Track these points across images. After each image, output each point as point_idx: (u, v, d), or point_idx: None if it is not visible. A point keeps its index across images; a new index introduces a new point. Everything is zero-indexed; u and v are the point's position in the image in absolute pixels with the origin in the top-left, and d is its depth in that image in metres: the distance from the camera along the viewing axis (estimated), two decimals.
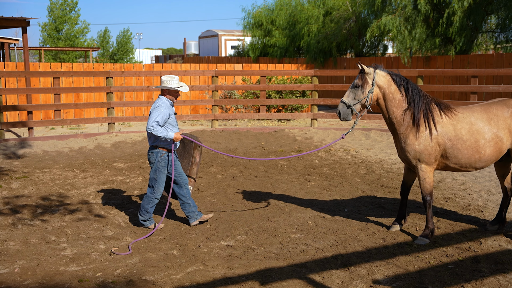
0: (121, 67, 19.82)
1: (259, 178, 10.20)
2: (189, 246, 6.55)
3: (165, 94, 7.15)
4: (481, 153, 6.51)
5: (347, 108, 6.63)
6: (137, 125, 17.62)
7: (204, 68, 22.14)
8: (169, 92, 7.14)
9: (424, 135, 6.49)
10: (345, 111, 6.64)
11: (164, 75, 7.15)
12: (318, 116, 16.40)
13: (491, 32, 20.85)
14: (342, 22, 24.50)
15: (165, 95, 7.14)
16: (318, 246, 6.50)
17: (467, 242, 6.61)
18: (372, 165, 11.35)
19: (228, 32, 48.52)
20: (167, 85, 7.05)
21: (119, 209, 8.17)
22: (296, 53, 29.19)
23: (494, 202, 8.43)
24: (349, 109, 6.62)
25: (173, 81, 7.05)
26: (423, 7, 19.14)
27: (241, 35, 37.61)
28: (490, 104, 6.78)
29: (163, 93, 7.16)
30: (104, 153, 12.79)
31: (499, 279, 5.49)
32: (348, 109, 6.63)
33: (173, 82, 7.05)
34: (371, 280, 5.50)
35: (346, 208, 8.22)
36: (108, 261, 6.07)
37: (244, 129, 15.72)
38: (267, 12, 30.54)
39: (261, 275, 5.65)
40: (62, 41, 38.54)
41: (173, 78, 7.05)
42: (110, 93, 15.30)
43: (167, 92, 7.14)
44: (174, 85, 7.06)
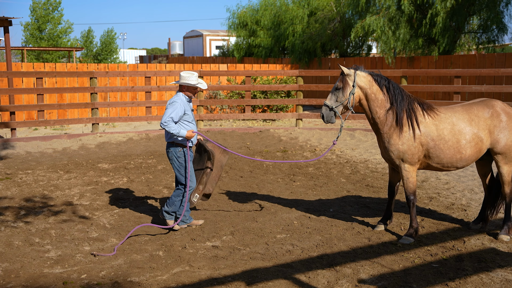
0: (105, 67, 19.70)
1: (245, 179, 10.20)
2: (175, 247, 6.53)
3: (183, 90, 7.09)
4: (462, 153, 6.58)
5: (330, 111, 6.66)
6: (122, 126, 17.52)
7: (189, 68, 22.09)
8: (187, 88, 7.08)
9: (408, 135, 6.54)
10: (328, 114, 6.68)
11: (183, 71, 7.07)
12: (303, 116, 16.44)
13: (473, 33, 21.08)
14: (326, 23, 24.60)
15: (184, 91, 7.10)
16: (304, 246, 6.52)
17: (451, 241, 6.68)
18: (357, 165, 11.41)
19: (213, 32, 48.45)
20: (186, 81, 7.00)
21: (104, 210, 8.12)
22: (281, 53, 29.25)
23: (477, 201, 8.52)
24: (332, 112, 6.66)
25: (192, 77, 7.00)
26: (407, 8, 19.29)
27: (226, 35, 37.61)
28: (471, 105, 6.85)
29: (181, 89, 7.10)
30: (88, 154, 12.70)
31: (482, 277, 5.55)
32: (331, 112, 6.67)
33: (192, 79, 7.00)
34: (356, 280, 5.53)
35: (331, 208, 8.25)
36: (93, 263, 6.03)
37: (229, 130, 15.71)
38: (252, 12, 30.56)
39: (247, 275, 5.65)
40: (45, 41, 38.18)
41: (192, 75, 7.01)
42: (94, 93, 15.20)
43: (185, 88, 7.08)
44: (193, 82, 7.01)
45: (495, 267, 5.80)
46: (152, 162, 11.60)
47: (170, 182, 9.87)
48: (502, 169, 6.79)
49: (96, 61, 39.57)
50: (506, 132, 6.65)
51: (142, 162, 11.55)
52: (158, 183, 9.77)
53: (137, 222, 7.51)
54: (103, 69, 19.58)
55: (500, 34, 19.92)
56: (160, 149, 13.25)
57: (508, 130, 6.66)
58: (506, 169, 6.78)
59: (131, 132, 15.24)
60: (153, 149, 13.28)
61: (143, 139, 14.54)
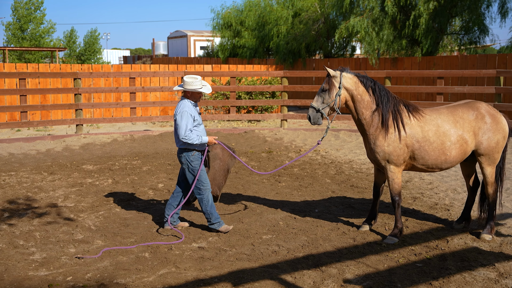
0: (89, 68, 19.58)
1: (230, 179, 10.21)
2: (161, 249, 6.52)
3: (187, 95, 7.03)
4: (447, 155, 6.66)
5: (317, 112, 6.69)
6: (106, 127, 17.43)
7: (173, 69, 22.04)
8: (192, 93, 7.02)
9: (393, 137, 6.59)
10: (315, 116, 6.71)
11: (186, 76, 6.99)
12: (288, 116, 16.50)
13: (455, 34, 21.33)
14: (311, 24, 24.71)
15: (188, 97, 7.03)
16: (290, 247, 6.55)
17: (434, 240, 6.76)
18: (341, 166, 11.48)
19: (197, 32, 48.37)
20: (191, 86, 6.92)
21: (89, 212, 8.08)
22: (266, 54, 29.30)
23: (460, 201, 8.63)
24: (319, 113, 6.69)
25: (195, 82, 6.93)
26: (390, 9, 19.46)
27: (210, 35, 37.56)
28: (456, 107, 6.93)
29: (186, 95, 7.03)
30: (73, 155, 12.62)
31: (465, 276, 5.63)
32: (317, 113, 6.69)
33: (196, 83, 6.93)
34: (342, 280, 5.58)
35: (316, 208, 8.30)
36: (78, 265, 6.00)
37: (214, 130, 15.71)
38: (236, 13, 30.58)
39: (233, 276, 5.67)
40: (27, 41, 37.78)
41: (196, 79, 6.94)
42: (78, 94, 15.11)
43: (190, 93, 7.02)
44: (197, 86, 6.95)
45: (477, 266, 5.89)
46: (137, 163, 11.56)
47: (155, 183, 9.85)
48: (485, 170, 6.89)
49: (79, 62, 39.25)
50: (490, 134, 6.74)
51: (127, 163, 11.51)
52: (143, 185, 9.74)
53: (122, 224, 7.49)
54: (87, 70, 19.46)
55: (481, 36, 20.20)
56: (145, 150, 13.22)
57: (492, 132, 6.75)
58: (489, 170, 6.88)
59: (115, 133, 15.17)
60: (138, 150, 13.24)
61: (127, 140, 14.49)
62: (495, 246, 6.53)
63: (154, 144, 14.01)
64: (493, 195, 6.95)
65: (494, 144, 6.75)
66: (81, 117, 15.13)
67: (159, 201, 8.71)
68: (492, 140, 6.74)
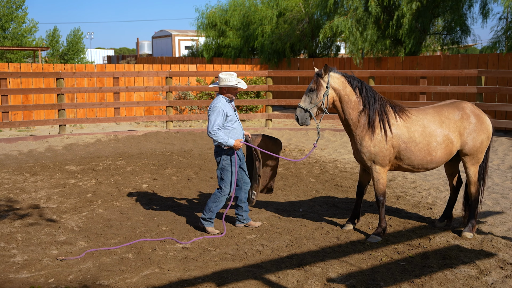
0: (72, 68, 19.43)
1: (215, 179, 10.21)
2: (145, 249, 6.49)
3: (223, 92, 7.08)
4: (433, 155, 6.69)
5: (305, 113, 6.69)
6: (90, 127, 17.31)
7: (158, 68, 21.93)
8: (228, 90, 7.07)
9: (380, 137, 6.62)
10: (303, 116, 6.71)
11: (221, 72, 7.06)
12: (273, 116, 16.53)
13: (438, 34, 21.52)
14: (295, 23, 24.76)
15: (224, 94, 7.08)
16: (274, 246, 6.57)
17: (417, 239, 6.82)
18: (326, 165, 11.53)
19: (181, 32, 48.23)
20: (226, 83, 6.98)
21: (71, 213, 8.02)
22: (250, 54, 29.30)
23: (443, 199, 8.71)
24: (307, 113, 6.69)
25: (231, 78, 6.99)
26: (374, 9, 19.56)
27: (195, 35, 37.48)
28: (442, 107, 6.97)
29: (221, 91, 7.09)
30: (56, 155, 12.52)
31: (447, 274, 5.69)
32: (305, 114, 6.69)
33: (231, 79, 6.99)
34: (325, 279, 5.60)
35: (301, 208, 8.32)
36: (60, 267, 5.95)
37: (199, 130, 15.68)
38: (221, 12, 30.54)
39: (217, 276, 5.67)
40: (8, 40, 37.34)
41: (231, 75, 7.00)
42: (61, 94, 15.00)
43: (226, 90, 7.07)
44: (233, 83, 7.00)
45: (458, 264, 5.95)
46: (121, 163, 11.50)
47: (140, 183, 9.81)
48: (469, 170, 6.94)
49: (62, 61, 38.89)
50: (474, 134, 6.79)
51: (110, 164, 11.44)
52: (127, 185, 9.69)
53: (106, 225, 7.45)
54: (70, 70, 19.30)
55: (463, 36, 20.40)
56: (129, 150, 13.15)
57: (476, 132, 6.79)
58: (473, 170, 6.94)
59: (99, 133, 15.07)
60: (122, 150, 13.17)
61: (111, 140, 14.40)
62: (476, 244, 6.61)
63: (138, 144, 13.95)
64: (475, 194, 7.02)
65: (478, 144, 6.81)
66: (64, 117, 15.01)
67: (143, 201, 8.67)
68: (477, 140, 6.79)
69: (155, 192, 9.26)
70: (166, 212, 8.08)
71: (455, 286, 5.42)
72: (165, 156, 12.35)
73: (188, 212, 8.08)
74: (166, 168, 11.13)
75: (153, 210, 8.21)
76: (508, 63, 16.09)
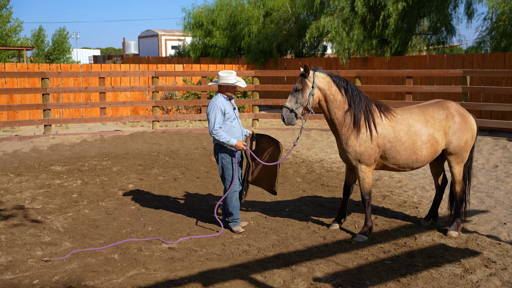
0: (57, 68, 19.27)
1: (201, 179, 10.18)
2: (130, 250, 6.46)
3: (222, 90, 7.11)
4: (418, 154, 6.73)
5: (291, 112, 6.69)
6: (75, 127, 17.19)
7: (144, 68, 21.84)
8: (227, 88, 7.09)
9: (365, 137, 6.64)
10: (289, 116, 6.71)
11: (221, 71, 7.11)
12: (260, 116, 16.53)
13: (424, 34, 21.65)
14: (282, 23, 24.78)
15: (223, 92, 7.10)
16: (260, 246, 6.56)
17: (403, 238, 6.85)
18: (312, 165, 11.55)
19: (168, 32, 48.09)
20: (225, 81, 7.01)
21: (57, 213, 7.95)
22: (237, 54, 29.28)
23: (428, 198, 8.76)
24: (293, 113, 6.69)
25: (230, 77, 7.02)
26: (360, 9, 19.63)
27: (181, 35, 37.38)
28: (427, 106, 7.01)
29: (221, 90, 7.11)
30: (41, 156, 12.41)
31: (432, 272, 5.73)
32: (291, 113, 6.69)
33: (230, 78, 7.02)
34: (311, 278, 5.61)
35: (287, 207, 8.33)
36: (45, 268, 5.90)
37: (186, 130, 15.64)
38: (208, 12, 30.48)
39: (203, 276, 5.65)
40: None
41: (230, 74, 7.04)
42: (46, 94, 14.88)
43: (225, 88, 7.09)
44: (232, 81, 7.02)
45: (444, 262, 5.99)
46: (107, 163, 11.43)
47: (126, 184, 9.75)
48: (454, 169, 7.00)
49: (48, 61, 38.55)
50: (459, 134, 6.83)
51: (96, 164, 11.36)
52: (113, 185, 9.63)
53: (91, 225, 7.40)
54: (55, 69, 19.14)
55: (449, 36, 20.55)
56: (116, 150, 13.08)
57: (461, 132, 6.84)
58: (457, 169, 6.99)
59: (85, 134, 14.97)
60: (108, 150, 13.09)
61: (97, 141, 14.31)
62: (461, 243, 6.66)
63: (124, 145, 13.87)
64: (460, 193, 7.07)
65: (463, 144, 6.86)
66: (49, 118, 14.89)
67: (129, 202, 8.62)
68: (462, 139, 6.84)
69: (141, 192, 9.21)
70: (152, 213, 8.04)
71: (441, 284, 5.46)
72: (152, 156, 12.30)
73: (174, 212, 8.05)
74: (153, 168, 11.08)
75: (139, 210, 8.17)
76: (493, 63, 16.24)
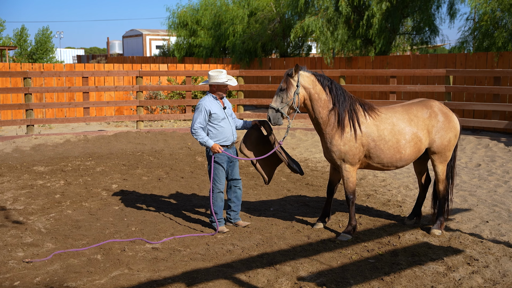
0: (40, 67, 19.07)
1: (185, 179, 10.14)
2: (114, 250, 6.41)
3: (213, 90, 7.08)
4: (402, 153, 6.75)
5: (276, 112, 6.69)
6: (59, 127, 17.03)
7: (128, 68, 21.72)
8: (218, 87, 7.06)
9: (349, 136, 6.64)
10: (275, 116, 6.70)
11: (211, 70, 7.09)
12: (245, 116, 16.51)
13: (407, 34, 21.80)
14: (266, 23, 24.78)
15: (214, 91, 7.08)
16: (244, 246, 6.55)
17: (386, 236, 6.88)
18: None
19: (152, 31, 47.86)
20: (215, 80, 6.98)
21: (39, 214, 7.87)
22: (222, 53, 29.22)
23: (412, 197, 8.82)
24: (279, 113, 6.68)
25: (221, 76, 6.98)
26: (344, 9, 19.70)
27: (166, 34, 37.21)
28: (411, 105, 7.04)
29: (211, 89, 7.09)
30: (23, 156, 12.27)
31: (415, 271, 5.76)
32: (277, 113, 6.68)
33: (221, 77, 6.98)
34: (296, 277, 5.60)
35: (272, 207, 8.32)
36: (27, 269, 5.83)
37: (170, 130, 15.57)
38: (192, 12, 30.37)
39: (187, 276, 5.63)
40: None
41: (220, 73, 7.00)
42: (29, 94, 14.72)
43: (215, 88, 7.06)
44: (223, 80, 6.99)
45: (427, 261, 6.02)
46: (90, 164, 11.34)
47: (109, 184, 9.68)
48: (437, 168, 7.04)
49: (31, 61, 38.18)
50: (442, 132, 6.88)
51: (80, 164, 11.27)
52: (96, 186, 9.56)
53: (74, 226, 7.33)
54: (38, 69, 18.95)
55: (432, 36, 20.71)
56: (99, 150, 12.97)
57: (444, 131, 6.89)
58: (441, 168, 7.03)
59: (68, 134, 14.84)
60: (92, 150, 12.98)
61: (81, 141, 14.19)
62: (444, 241, 6.70)
63: (108, 145, 13.77)
64: (443, 192, 7.12)
65: (446, 142, 6.91)
66: (32, 118, 14.74)
67: (112, 202, 8.56)
68: (445, 138, 6.89)
69: (125, 192, 9.15)
70: (136, 213, 7.99)
71: (424, 282, 5.49)
72: (136, 156, 12.23)
73: (158, 213, 8.01)
74: (137, 168, 11.02)
75: (123, 210, 8.11)
76: (475, 62, 16.39)
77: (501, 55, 15.76)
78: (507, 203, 8.35)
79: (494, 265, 5.92)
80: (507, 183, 9.66)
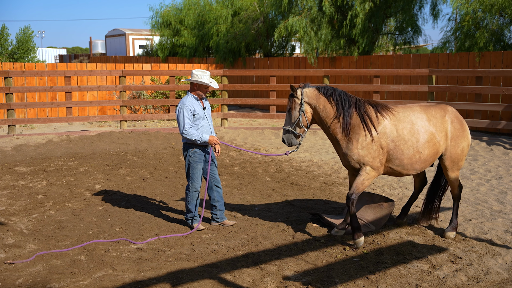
0: (21, 67, 18.85)
1: (170, 179, 10.09)
2: (98, 251, 6.35)
3: (194, 89, 7.07)
4: (421, 153, 6.59)
5: (288, 133, 6.68)
6: (41, 127, 16.85)
7: (111, 68, 21.56)
8: (199, 87, 7.06)
9: (366, 139, 6.48)
10: (288, 137, 6.70)
11: (195, 69, 7.13)
12: (229, 116, 16.48)
13: (391, 34, 21.93)
14: (250, 23, 24.75)
15: (194, 90, 7.07)
16: (229, 245, 6.53)
17: (371, 235, 6.90)
18: (281, 164, 11.56)
19: (136, 31, 47.61)
20: (198, 79, 6.97)
21: (21, 215, 7.77)
22: (206, 53, 29.15)
23: (396, 196, 8.87)
24: (291, 134, 6.67)
25: (204, 76, 6.99)
26: (328, 9, 19.76)
27: (149, 34, 37.01)
28: (428, 106, 6.90)
29: (192, 88, 7.08)
30: (4, 157, 12.11)
31: (400, 269, 5.79)
32: (289, 134, 6.68)
33: (204, 77, 6.99)
34: (281, 277, 5.60)
35: (256, 206, 8.32)
36: (8, 271, 5.75)
37: (154, 130, 15.48)
38: (176, 11, 30.25)
39: (172, 277, 5.59)
40: None
41: (204, 73, 7.00)
42: (10, 93, 14.54)
43: (197, 87, 7.06)
44: (205, 80, 6.99)
45: (412, 259, 6.06)
46: (73, 164, 11.22)
47: (93, 184, 9.59)
48: (450, 177, 6.91)
49: (12, 60, 37.73)
50: (457, 140, 6.76)
51: (62, 165, 11.15)
52: (79, 186, 9.46)
53: (57, 227, 7.24)
54: (19, 68, 18.72)
55: (415, 36, 20.85)
56: (82, 150, 12.86)
57: (459, 138, 6.77)
58: (454, 176, 6.90)
59: (50, 134, 14.69)
60: (75, 151, 12.86)
61: (63, 141, 14.05)
62: (428, 239, 6.75)
63: (91, 145, 13.65)
64: (459, 195, 7.03)
65: (459, 151, 6.79)
66: (13, 118, 14.57)
67: (96, 202, 8.48)
68: (459, 146, 6.77)
69: (108, 192, 9.07)
70: (120, 213, 7.93)
71: (408, 281, 5.52)
72: (119, 156, 12.14)
73: (142, 213, 7.95)
74: (120, 168, 10.93)
75: (107, 211, 8.05)
76: (458, 62, 16.55)
77: (483, 55, 15.93)
78: (489, 202, 8.44)
79: (478, 263, 5.98)
80: (489, 181, 9.76)
